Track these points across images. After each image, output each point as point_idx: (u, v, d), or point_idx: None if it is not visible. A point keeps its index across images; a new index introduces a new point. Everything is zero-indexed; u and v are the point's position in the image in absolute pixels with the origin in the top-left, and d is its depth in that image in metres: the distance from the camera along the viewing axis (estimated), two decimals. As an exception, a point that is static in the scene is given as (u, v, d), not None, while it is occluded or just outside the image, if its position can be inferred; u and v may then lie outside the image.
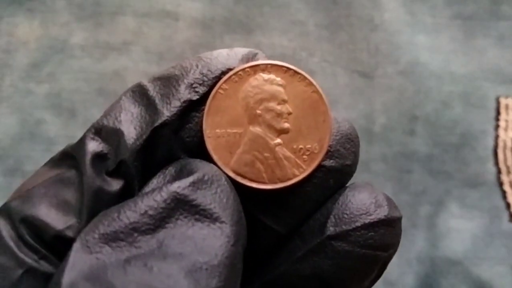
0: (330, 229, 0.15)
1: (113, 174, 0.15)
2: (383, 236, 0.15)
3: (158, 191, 0.13)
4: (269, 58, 0.16)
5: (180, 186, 0.13)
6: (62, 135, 0.40)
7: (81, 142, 0.15)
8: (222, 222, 0.13)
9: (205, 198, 0.13)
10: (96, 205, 0.14)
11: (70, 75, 0.41)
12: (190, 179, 0.13)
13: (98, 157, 0.15)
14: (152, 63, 0.41)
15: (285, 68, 0.16)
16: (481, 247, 0.40)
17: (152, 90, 0.15)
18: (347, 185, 0.16)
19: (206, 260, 0.12)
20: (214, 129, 0.15)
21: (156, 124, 0.15)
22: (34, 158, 0.39)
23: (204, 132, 0.15)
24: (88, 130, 0.15)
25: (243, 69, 0.16)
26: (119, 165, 0.15)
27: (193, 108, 0.15)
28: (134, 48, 0.42)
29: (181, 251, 0.12)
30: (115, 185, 0.15)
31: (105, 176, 0.15)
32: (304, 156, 0.15)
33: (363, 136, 0.41)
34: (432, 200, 0.41)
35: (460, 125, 0.42)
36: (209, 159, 0.15)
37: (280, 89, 0.16)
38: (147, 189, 0.14)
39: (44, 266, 0.14)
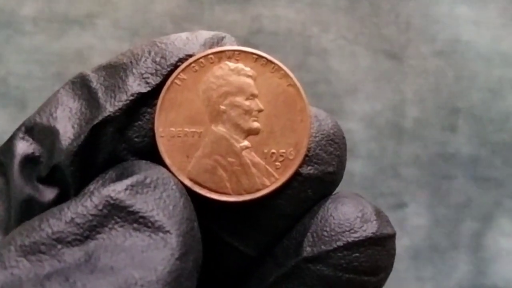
0: (307, 250, 0.15)
1: (47, 180, 0.15)
2: (371, 258, 0.15)
3: (89, 196, 0.13)
4: (269, 37, 0.17)
5: (115, 189, 0.13)
6: (9, 131, 0.36)
7: (10, 142, 0.16)
8: (166, 232, 0.13)
9: (145, 204, 0.13)
10: (25, 217, 0.14)
11: (20, 56, 0.40)
12: (128, 181, 0.14)
13: (29, 161, 0.15)
14: (123, 41, 0.40)
15: (256, 56, 0.16)
16: (539, 273, 0.41)
17: (95, 82, 0.15)
18: (330, 196, 0.17)
19: (142, 276, 0.12)
20: (168, 127, 0.15)
21: (97, 121, 0.15)
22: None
23: (156, 131, 0.15)
24: (18, 129, 0.16)
25: (205, 56, 0.16)
26: (53, 170, 0.15)
27: (144, 103, 0.15)
28: (101, 21, 0.40)
29: (113, 265, 0.12)
30: (49, 194, 0.15)
31: (36, 183, 0.15)
32: (277, 163, 0.15)
33: (390, 133, 0.40)
34: (477, 214, 0.39)
35: (512, 119, 0.43)
36: (162, 163, 0.15)
37: (249, 81, 0.16)
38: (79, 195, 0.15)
39: None
